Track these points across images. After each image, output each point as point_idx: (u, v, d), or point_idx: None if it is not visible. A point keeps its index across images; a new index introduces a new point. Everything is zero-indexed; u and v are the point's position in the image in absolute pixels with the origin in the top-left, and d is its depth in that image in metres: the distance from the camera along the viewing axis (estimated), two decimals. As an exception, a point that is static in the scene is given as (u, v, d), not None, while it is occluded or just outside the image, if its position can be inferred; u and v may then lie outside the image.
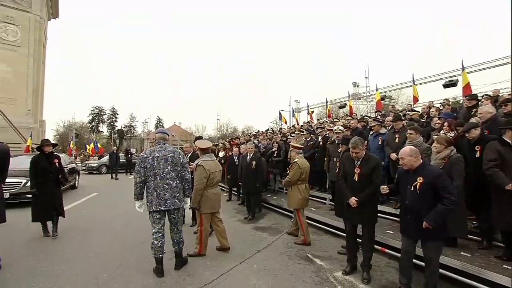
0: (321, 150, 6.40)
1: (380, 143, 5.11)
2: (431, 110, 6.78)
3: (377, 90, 13.79)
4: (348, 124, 6.95)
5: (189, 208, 3.95)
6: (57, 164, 4.90)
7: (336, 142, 5.28)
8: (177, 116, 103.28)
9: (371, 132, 5.57)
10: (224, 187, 9.54)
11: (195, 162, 3.96)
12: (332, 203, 5.79)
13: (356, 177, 3.23)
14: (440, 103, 9.16)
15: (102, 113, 57.31)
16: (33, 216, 4.68)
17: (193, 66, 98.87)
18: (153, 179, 3.30)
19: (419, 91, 13.16)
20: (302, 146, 5.44)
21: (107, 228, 5.29)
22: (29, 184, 6.67)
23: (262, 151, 8.01)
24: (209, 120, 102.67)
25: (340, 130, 5.47)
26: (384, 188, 2.97)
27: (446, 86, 13.16)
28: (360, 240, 3.42)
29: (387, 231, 4.17)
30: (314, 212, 5.65)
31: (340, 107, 17.87)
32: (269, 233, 5.09)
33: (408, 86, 14.70)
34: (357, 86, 19.79)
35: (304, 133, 7.98)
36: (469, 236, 3.63)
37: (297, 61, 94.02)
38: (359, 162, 3.26)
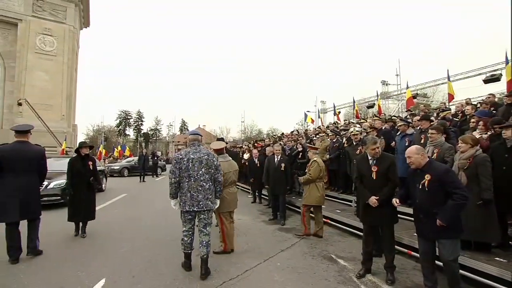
0: (345, 152, 6.43)
1: (407, 143, 5.05)
2: (466, 108, 6.56)
3: (407, 88, 13.35)
4: (373, 125, 6.91)
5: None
6: (91, 166, 5.14)
7: (354, 143, 5.33)
8: (201, 118, 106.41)
9: (398, 133, 5.53)
10: (249, 190, 9.80)
11: None
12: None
13: (374, 176, 3.28)
14: (481, 100, 8.71)
15: (129, 117, 60.55)
16: (69, 216, 4.99)
17: (217, 68, 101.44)
18: (187, 180, 3.44)
19: (457, 88, 12.60)
20: (318, 147, 5.67)
21: (137, 226, 5.73)
22: (50, 186, 7.16)
23: (287, 153, 8.15)
24: (234, 123, 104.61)
25: (357, 131, 5.51)
26: (395, 202, 3.04)
27: (487, 81, 12.49)
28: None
29: (414, 233, 4.14)
30: (339, 214, 5.72)
31: (368, 107, 17.53)
32: (293, 234, 5.23)
33: (443, 83, 14.10)
34: (387, 84, 19.26)
35: (330, 134, 8.03)
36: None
37: (323, 60, 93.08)
38: (375, 161, 3.31)
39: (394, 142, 5.46)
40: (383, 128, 6.60)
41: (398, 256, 4.07)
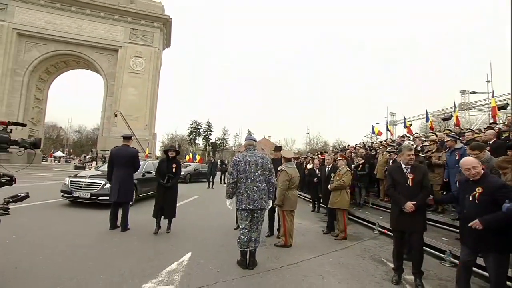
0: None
1: (458, 157, 5.01)
2: None
3: (493, 96, 12.11)
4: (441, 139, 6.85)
5: (270, 207, 4.51)
6: (174, 168, 5.67)
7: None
8: (267, 129, 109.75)
9: (447, 149, 5.53)
10: (310, 199, 10.36)
11: (279, 168, 5.04)
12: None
13: (410, 183, 3.50)
14: None
15: (199, 127, 66.52)
16: (153, 212, 5.56)
17: (285, 80, 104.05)
18: (244, 181, 3.86)
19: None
20: (348, 158, 6.15)
21: (210, 220, 6.93)
22: (107, 186, 7.19)
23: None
24: (299, 134, 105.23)
25: (412, 145, 5.74)
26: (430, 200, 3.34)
27: None
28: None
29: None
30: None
31: (444, 119, 16.21)
32: (349, 239, 5.70)
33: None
34: (467, 93, 17.50)
35: (388, 148, 8.18)
36: None
37: (395, 69, 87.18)
38: (409, 169, 3.56)
39: (445, 158, 5.49)
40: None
41: (453, 268, 4.25)
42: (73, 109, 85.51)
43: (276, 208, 5.36)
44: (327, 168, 6.61)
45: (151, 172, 9.08)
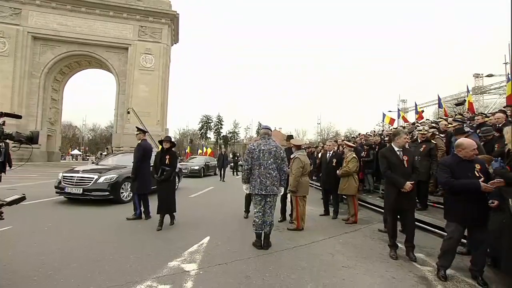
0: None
1: None
2: None
3: (508, 80, 11.79)
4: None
5: (283, 193, 4.84)
6: (167, 160, 5.28)
7: (419, 141, 5.70)
8: (277, 121, 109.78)
9: (452, 136, 5.64)
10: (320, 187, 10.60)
11: (292, 155, 5.31)
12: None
13: (406, 164, 3.79)
14: None
15: (210, 121, 67.28)
16: (157, 208, 5.26)
17: (295, 69, 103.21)
18: (258, 168, 4.11)
19: None
20: (354, 145, 6.38)
21: (226, 208, 7.32)
22: (100, 181, 7.18)
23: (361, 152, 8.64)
24: (310, 125, 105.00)
25: (425, 130, 5.87)
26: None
27: None
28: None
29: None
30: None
31: (457, 104, 15.94)
32: (358, 223, 5.96)
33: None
34: (481, 77, 17.08)
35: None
36: None
37: (407, 55, 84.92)
38: (402, 152, 3.82)
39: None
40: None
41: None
42: (87, 108, 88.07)
43: (289, 195, 5.66)
44: (328, 154, 6.68)
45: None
